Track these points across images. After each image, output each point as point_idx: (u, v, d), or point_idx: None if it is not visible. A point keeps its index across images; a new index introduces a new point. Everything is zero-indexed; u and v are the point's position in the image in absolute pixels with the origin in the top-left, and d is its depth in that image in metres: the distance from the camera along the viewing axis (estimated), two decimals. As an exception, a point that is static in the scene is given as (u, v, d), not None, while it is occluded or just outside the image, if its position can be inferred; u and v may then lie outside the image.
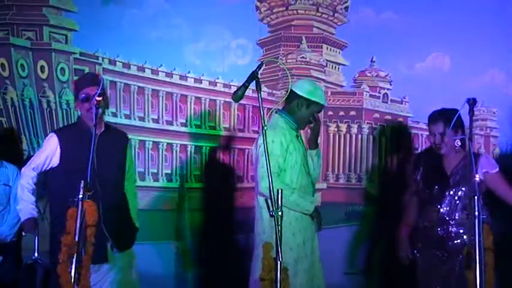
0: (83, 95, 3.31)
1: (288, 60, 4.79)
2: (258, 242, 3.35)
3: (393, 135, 4.70)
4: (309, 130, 3.63)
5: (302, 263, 3.41)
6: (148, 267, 3.75)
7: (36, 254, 3.49)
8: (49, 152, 3.37)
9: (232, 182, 4.81)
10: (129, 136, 3.74)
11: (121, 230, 3.38)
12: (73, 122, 4.74)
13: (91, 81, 3.36)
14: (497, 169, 3.45)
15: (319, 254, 3.53)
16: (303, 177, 3.48)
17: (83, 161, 3.00)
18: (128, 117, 4.81)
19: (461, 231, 3.42)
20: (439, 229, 3.45)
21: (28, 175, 3.41)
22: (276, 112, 3.53)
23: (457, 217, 3.44)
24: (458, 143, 3.40)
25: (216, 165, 4.85)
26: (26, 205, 3.38)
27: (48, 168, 3.39)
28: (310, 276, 3.44)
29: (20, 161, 4.57)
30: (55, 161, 3.36)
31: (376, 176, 4.64)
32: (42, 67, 4.83)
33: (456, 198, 3.45)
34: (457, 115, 3.02)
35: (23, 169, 3.48)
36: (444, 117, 3.46)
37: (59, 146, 3.34)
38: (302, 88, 3.48)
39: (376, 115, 4.74)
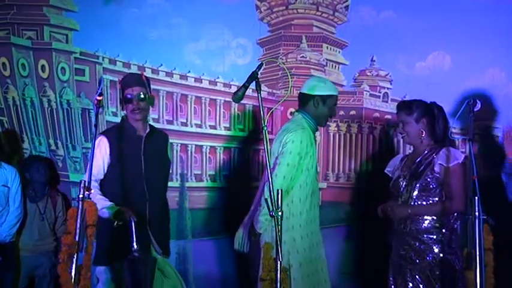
0: (128, 96, 3.35)
1: (288, 60, 4.79)
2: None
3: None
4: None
5: (306, 267, 3.40)
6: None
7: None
8: (103, 155, 3.32)
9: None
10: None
11: (163, 232, 3.45)
12: (79, 121, 4.79)
13: (135, 82, 3.41)
14: (455, 163, 3.32)
15: (325, 262, 3.52)
16: (315, 181, 3.51)
17: (131, 162, 3.20)
18: (128, 116, 4.82)
19: (419, 226, 3.36)
20: (402, 225, 3.42)
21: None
22: (297, 112, 3.55)
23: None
24: (422, 132, 3.45)
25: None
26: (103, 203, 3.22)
27: (106, 171, 3.33)
28: (312, 282, 3.43)
29: (19, 162, 4.60)
30: (108, 163, 3.33)
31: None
32: (43, 66, 4.84)
33: (412, 191, 3.40)
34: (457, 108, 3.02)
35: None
36: (407, 106, 3.50)
37: (109, 148, 3.32)
38: (312, 87, 3.53)
39: (377, 114, 4.74)
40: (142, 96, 3.36)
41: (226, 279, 4.73)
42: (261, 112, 2.74)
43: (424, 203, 3.38)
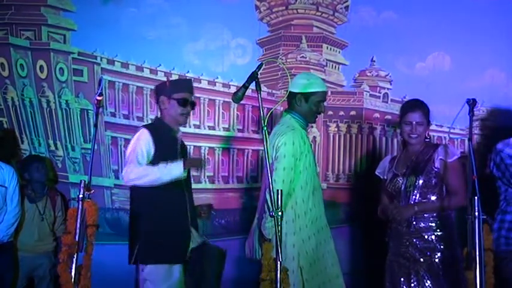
0: (186, 100, 3.41)
1: (288, 60, 4.78)
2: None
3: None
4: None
5: (315, 266, 3.38)
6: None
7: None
8: (146, 145, 3.32)
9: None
10: (128, 136, 3.78)
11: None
12: (78, 122, 4.77)
13: (189, 88, 3.52)
14: (454, 158, 3.34)
15: (335, 257, 3.48)
16: (315, 178, 3.49)
17: (170, 159, 3.23)
18: (126, 117, 4.81)
19: (421, 225, 3.36)
20: (404, 225, 3.37)
21: (135, 168, 3.26)
22: (285, 112, 3.53)
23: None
24: (428, 135, 3.47)
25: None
26: (155, 168, 3.25)
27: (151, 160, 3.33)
28: (323, 279, 3.41)
29: (17, 162, 4.58)
30: (153, 152, 3.33)
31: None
32: (41, 67, 4.83)
33: (413, 187, 3.37)
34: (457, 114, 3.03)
35: (124, 171, 3.30)
36: (422, 107, 3.47)
37: (152, 139, 3.33)
38: (295, 85, 3.48)
39: (376, 115, 4.74)
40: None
41: (225, 281, 4.70)
42: (261, 112, 2.73)
43: (424, 200, 3.38)
